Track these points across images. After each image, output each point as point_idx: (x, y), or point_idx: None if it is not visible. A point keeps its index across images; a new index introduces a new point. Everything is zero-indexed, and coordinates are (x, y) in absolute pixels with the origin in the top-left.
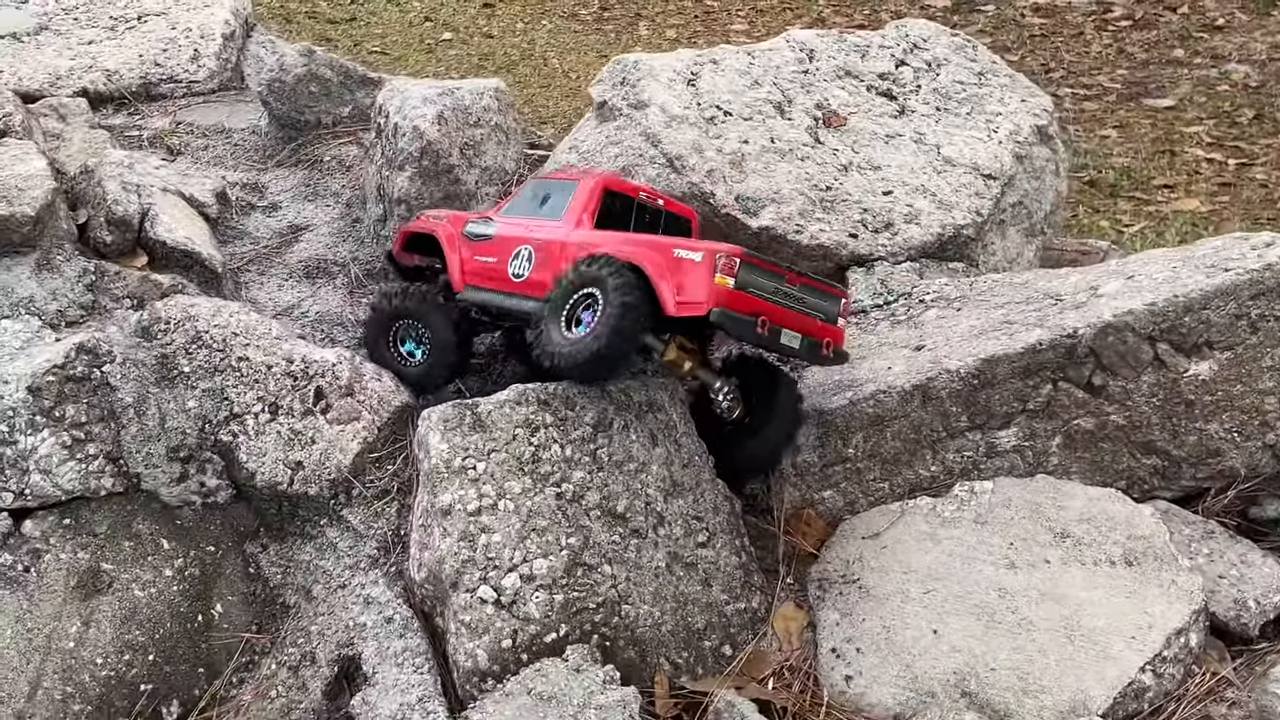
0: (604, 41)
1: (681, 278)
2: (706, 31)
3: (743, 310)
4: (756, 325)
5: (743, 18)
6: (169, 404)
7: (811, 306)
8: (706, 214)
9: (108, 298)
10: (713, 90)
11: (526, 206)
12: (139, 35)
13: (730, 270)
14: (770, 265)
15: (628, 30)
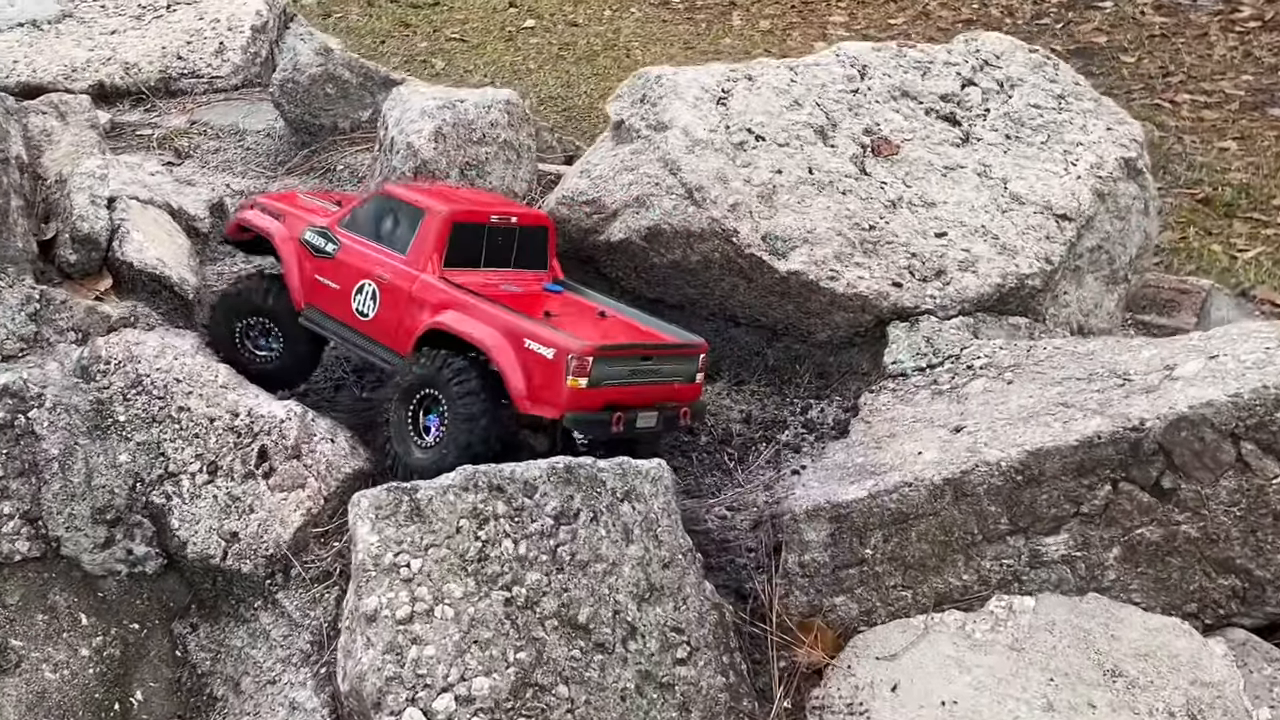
0: (693, 33)
1: (533, 374)
2: (803, 24)
3: (596, 407)
4: (611, 423)
5: (843, 9)
6: (98, 458)
7: (669, 374)
8: (728, 253)
9: (51, 329)
10: (745, 111)
11: (370, 225)
12: (164, 25)
13: (583, 371)
14: (626, 351)
15: (719, 20)
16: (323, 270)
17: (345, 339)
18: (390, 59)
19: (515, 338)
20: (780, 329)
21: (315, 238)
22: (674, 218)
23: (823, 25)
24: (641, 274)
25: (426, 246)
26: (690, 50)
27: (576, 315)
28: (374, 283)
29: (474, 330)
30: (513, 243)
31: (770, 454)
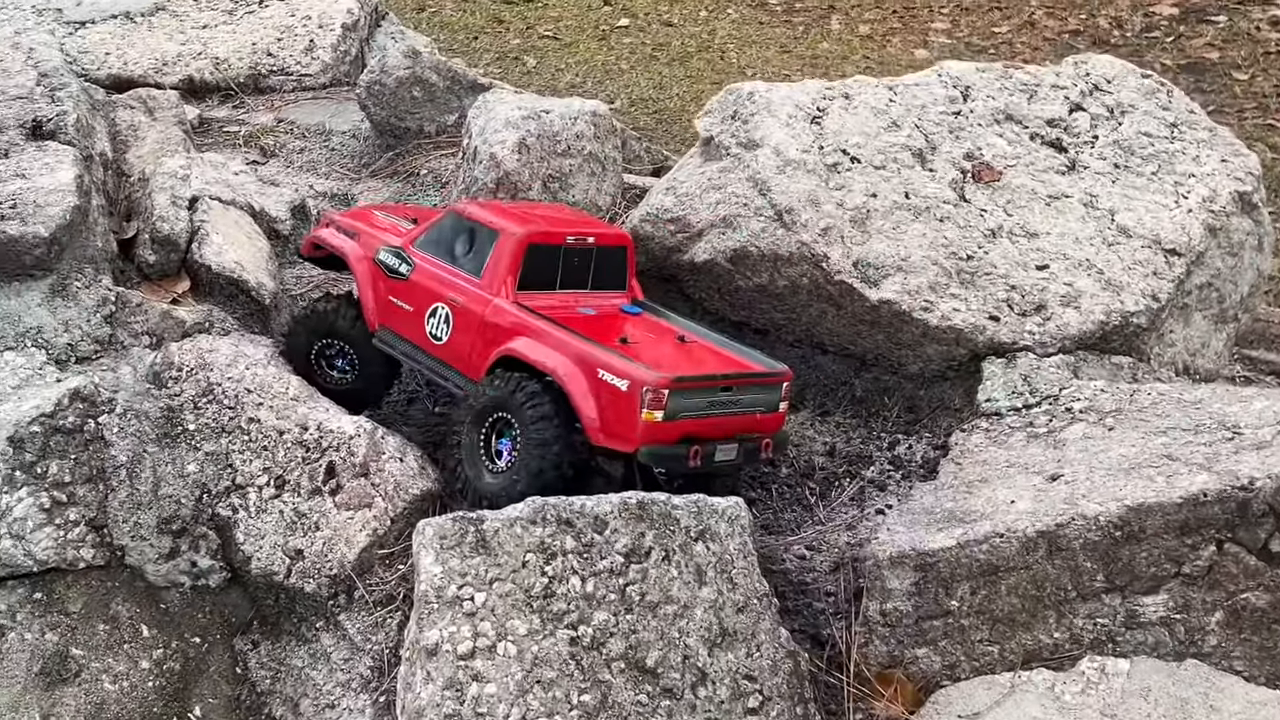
0: (790, 36)
1: (606, 406)
2: (904, 29)
3: (672, 441)
4: (688, 457)
5: (945, 15)
6: (166, 467)
7: (750, 404)
8: (817, 279)
9: (126, 332)
10: (840, 131)
11: (444, 246)
12: (256, 21)
13: (658, 404)
14: (704, 382)
15: (818, 24)
16: (396, 292)
17: (418, 362)
18: (482, 55)
19: (589, 367)
20: (869, 359)
21: (389, 258)
22: (762, 240)
23: (924, 32)
24: (726, 296)
25: (500, 269)
26: (786, 54)
27: (654, 341)
28: (447, 306)
29: (546, 358)
30: (590, 263)
31: (854, 491)
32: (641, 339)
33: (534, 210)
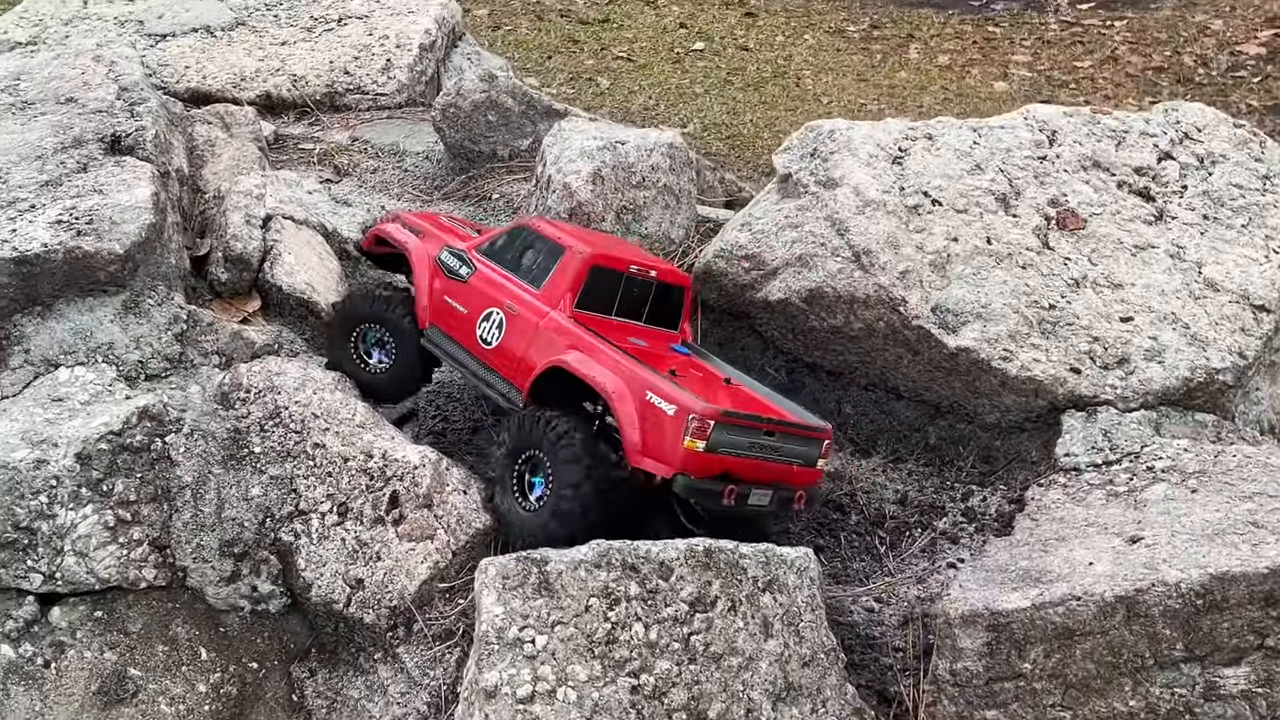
0: (868, 64)
1: (650, 427)
2: (984, 60)
3: (710, 475)
4: (723, 495)
5: (1026, 48)
6: (231, 489)
7: (789, 455)
8: (893, 323)
9: (196, 351)
10: (922, 172)
11: (508, 255)
12: (334, 39)
13: (702, 434)
14: (748, 421)
15: (896, 53)
16: (453, 292)
17: (463, 365)
18: (556, 75)
19: (638, 388)
20: (944, 406)
21: (451, 259)
22: (838, 281)
23: (1004, 64)
24: (799, 336)
25: (562, 284)
26: (863, 82)
27: (702, 379)
28: (502, 312)
29: (596, 374)
30: (648, 297)
31: (925, 542)
32: (690, 376)
33: (601, 237)
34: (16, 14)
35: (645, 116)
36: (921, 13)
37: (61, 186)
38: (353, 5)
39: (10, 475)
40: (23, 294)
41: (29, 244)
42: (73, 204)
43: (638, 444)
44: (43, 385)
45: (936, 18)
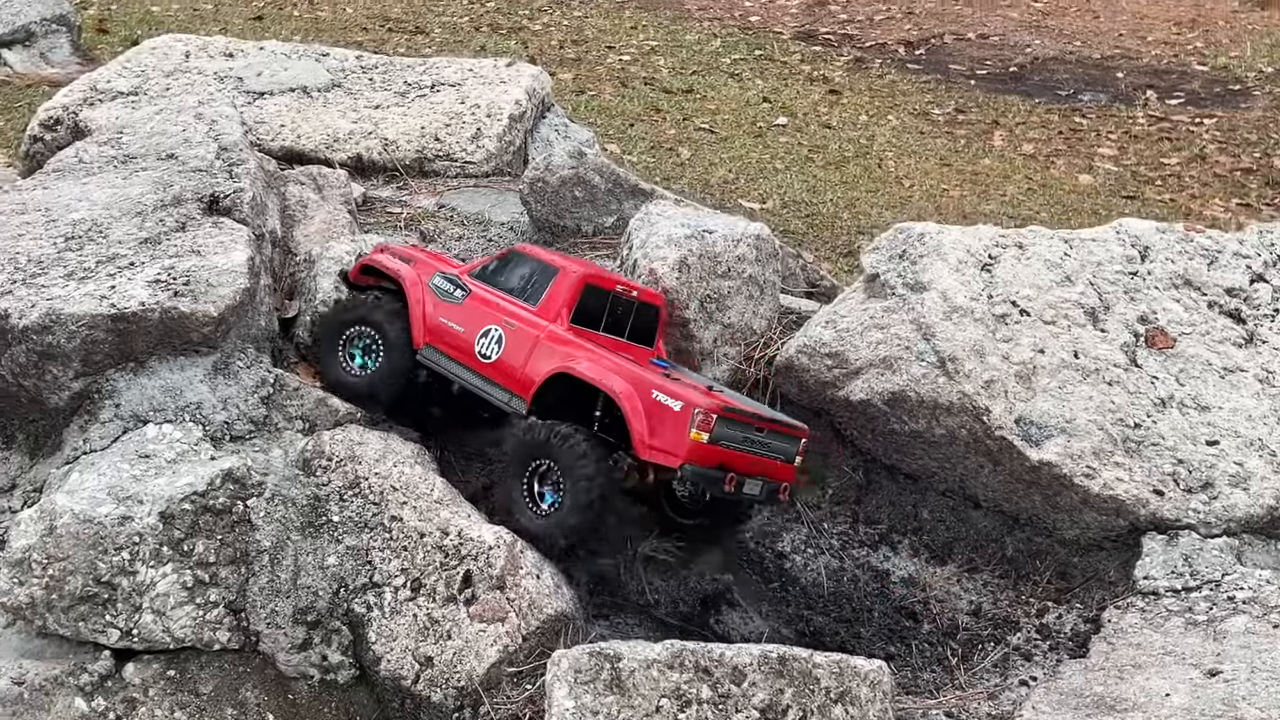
0: (952, 149)
1: (656, 422)
2: (1069, 152)
3: (712, 464)
4: (724, 481)
5: (1113, 141)
6: (307, 556)
7: (775, 450)
8: (976, 432)
9: (281, 415)
10: (1011, 281)
11: (502, 278)
12: (426, 105)
13: (707, 426)
14: (745, 417)
15: (980, 139)
16: (449, 313)
17: (462, 379)
18: (637, 143)
19: (644, 387)
20: (1023, 518)
21: (444, 283)
22: (922, 386)
23: (1089, 156)
24: (879, 437)
25: (558, 301)
26: (946, 167)
27: (692, 385)
28: (501, 329)
29: (604, 377)
30: (630, 315)
31: (998, 657)
32: (681, 381)
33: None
34: (120, 63)
35: (724, 190)
36: (1008, 99)
37: (160, 245)
38: (446, 73)
39: (96, 530)
40: (118, 350)
41: (127, 302)
42: (171, 264)
43: (646, 438)
44: (131, 441)
45: (1023, 105)
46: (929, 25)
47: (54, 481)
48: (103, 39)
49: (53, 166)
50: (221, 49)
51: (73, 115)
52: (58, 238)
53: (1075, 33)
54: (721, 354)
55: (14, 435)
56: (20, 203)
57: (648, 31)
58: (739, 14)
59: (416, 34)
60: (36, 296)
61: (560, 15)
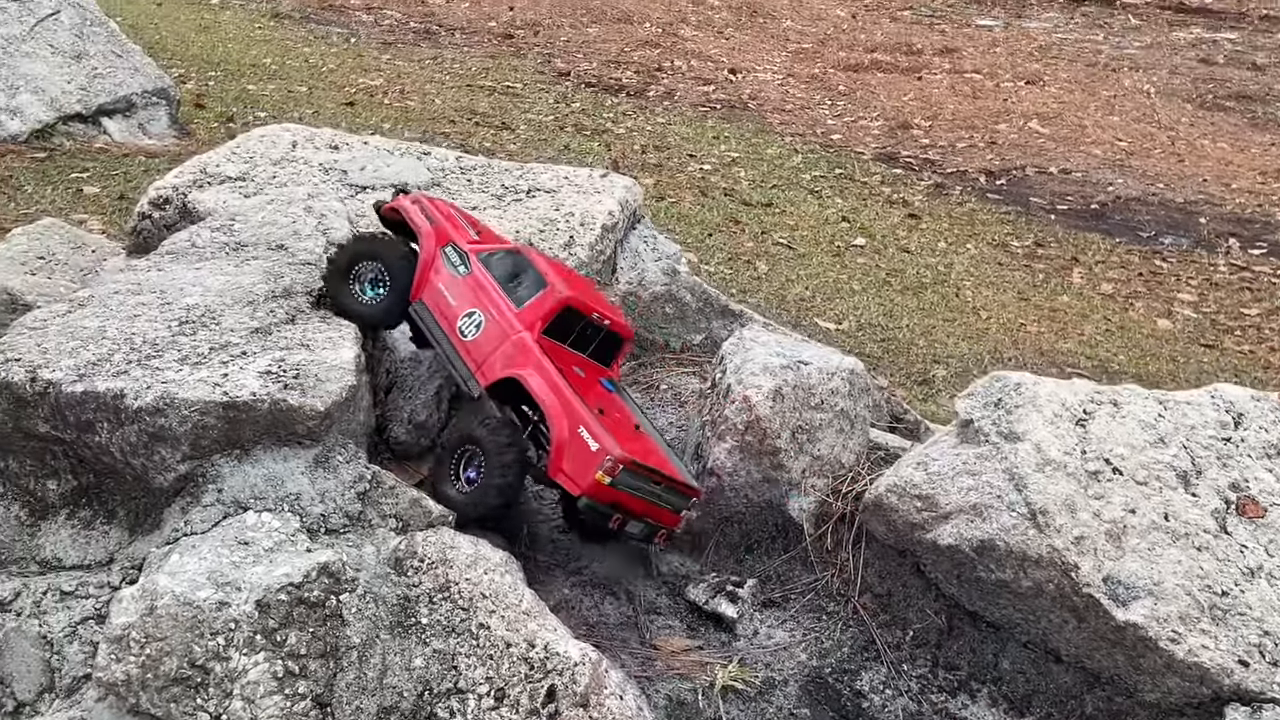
0: (1029, 282)
1: (573, 452)
2: (1148, 294)
3: (605, 502)
4: (610, 520)
5: (1193, 288)
6: (395, 656)
7: (666, 501)
8: (1063, 587)
9: (375, 512)
10: (1105, 439)
11: (500, 269)
12: (521, 210)
13: (612, 472)
14: (647, 472)
15: (1059, 274)
16: (448, 283)
17: (439, 343)
18: (715, 253)
19: (574, 420)
20: (1104, 677)
21: (453, 254)
22: (1012, 536)
23: (1169, 301)
24: (964, 583)
25: (538, 312)
26: (1024, 302)
27: (619, 422)
28: (484, 316)
29: (545, 396)
30: (596, 338)
31: None
32: (611, 415)
33: (579, 282)
34: (229, 149)
35: (800, 307)
36: (1088, 236)
37: (271, 336)
38: (542, 179)
39: (194, 613)
40: (225, 437)
41: (240, 391)
42: (281, 356)
43: (559, 462)
44: (230, 526)
45: (1103, 244)
46: (1011, 156)
47: (154, 561)
48: (199, 114)
49: (167, 248)
50: (328, 141)
51: (182, 196)
52: (172, 321)
53: (1159, 175)
54: (809, 485)
55: (115, 510)
56: (135, 283)
57: (729, 142)
58: (821, 131)
59: (502, 129)
60: (151, 379)
61: (644, 120)
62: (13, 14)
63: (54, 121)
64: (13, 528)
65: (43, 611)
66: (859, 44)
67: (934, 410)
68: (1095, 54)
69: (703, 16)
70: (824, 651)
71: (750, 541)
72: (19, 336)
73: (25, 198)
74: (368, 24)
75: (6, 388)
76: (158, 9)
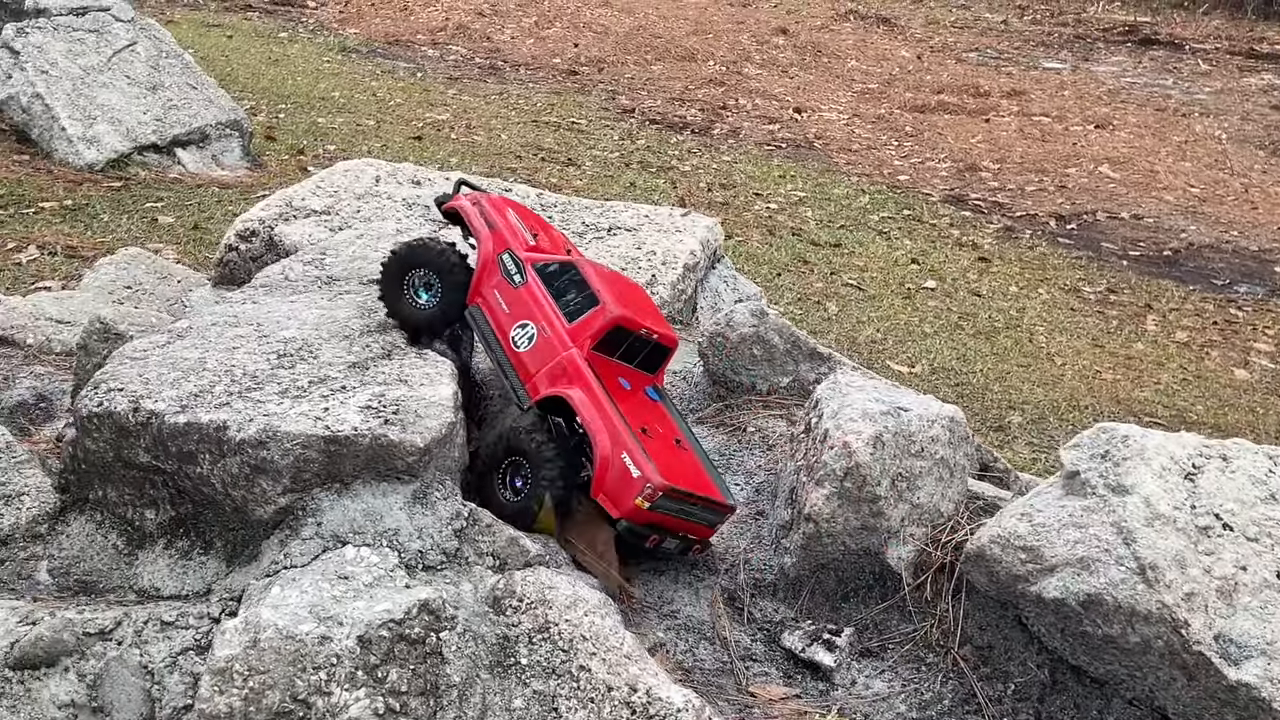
0: (1103, 329)
1: (614, 478)
2: (1224, 344)
3: (643, 524)
4: (647, 540)
5: (1269, 337)
6: (495, 696)
7: (701, 518)
8: (1173, 644)
9: (472, 550)
10: (1215, 493)
11: (554, 281)
12: (604, 248)
13: (651, 498)
14: (684, 496)
15: (1132, 321)
16: (503, 291)
17: (491, 349)
18: (784, 293)
19: (618, 445)
20: None
21: (510, 262)
22: (1120, 591)
23: (1245, 350)
24: (1068, 637)
25: (589, 330)
26: (1099, 349)
27: (662, 437)
28: (536, 329)
29: (590, 420)
30: (644, 350)
31: None
32: (655, 433)
33: (630, 293)
34: (314, 183)
35: (872, 350)
36: (1161, 284)
37: (368, 371)
38: (623, 217)
39: (297, 647)
40: (325, 470)
41: (341, 425)
42: (380, 391)
43: (601, 484)
44: (330, 561)
45: (1177, 291)
46: (1081, 200)
47: (254, 593)
48: (270, 146)
49: (260, 281)
50: (410, 176)
51: (268, 229)
52: (270, 354)
53: (1232, 222)
54: (908, 534)
55: (212, 541)
56: (233, 315)
57: (795, 181)
58: (888, 171)
59: (568, 165)
60: (253, 411)
61: (709, 158)
62: (90, 45)
63: (130, 151)
64: (110, 556)
65: (144, 641)
66: (925, 85)
67: (1010, 456)
68: (1165, 99)
69: (767, 56)
70: (924, 703)
71: (847, 589)
72: (120, 366)
73: (101, 226)
74: (433, 59)
75: (109, 417)
76: (228, 41)
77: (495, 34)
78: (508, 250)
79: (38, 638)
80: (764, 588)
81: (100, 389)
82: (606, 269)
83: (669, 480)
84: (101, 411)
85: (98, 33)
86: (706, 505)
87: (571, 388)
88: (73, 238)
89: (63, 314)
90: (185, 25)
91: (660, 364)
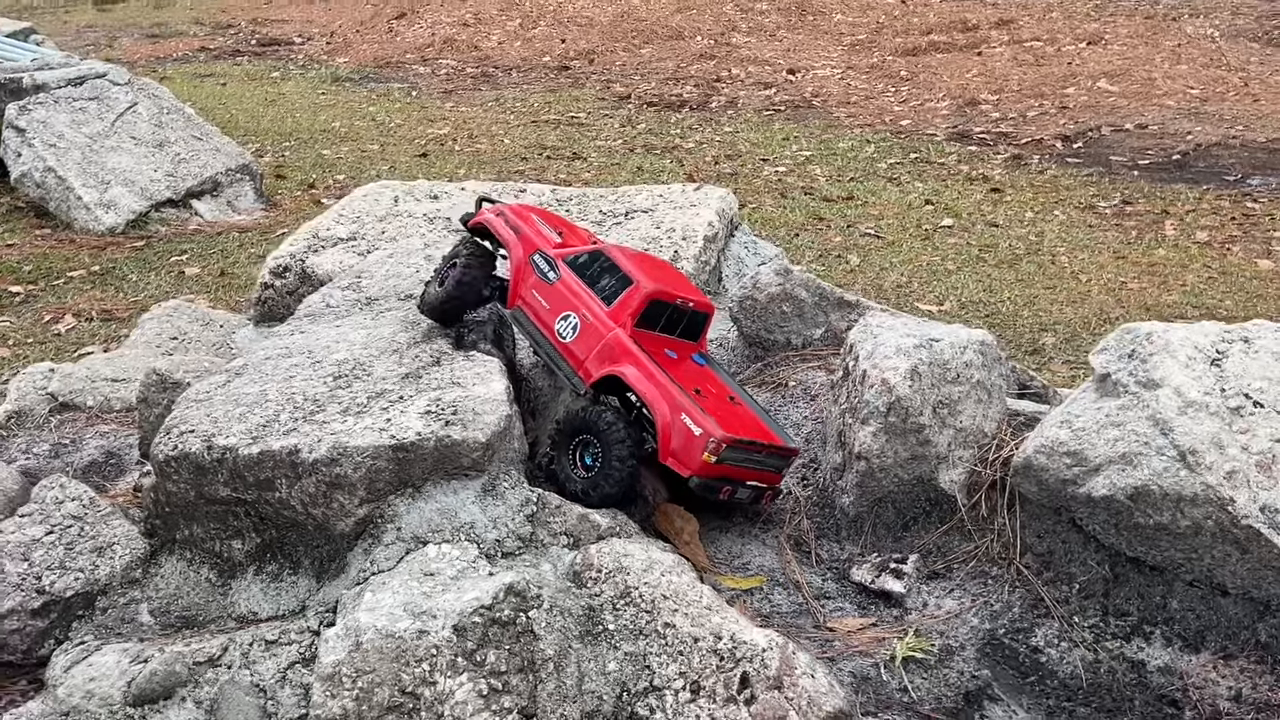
0: (1123, 240)
1: (679, 440)
2: (1244, 237)
3: (714, 477)
4: (720, 492)
5: None
6: (589, 663)
7: (768, 464)
8: (1221, 522)
9: (546, 532)
10: (1242, 374)
11: (586, 270)
12: (624, 232)
13: (716, 452)
14: (747, 445)
15: (1150, 229)
16: (540, 289)
17: (541, 346)
18: (805, 251)
19: (676, 409)
20: (1274, 604)
21: (541, 262)
22: (1164, 479)
23: (1266, 240)
24: (1122, 531)
25: (628, 309)
26: (1121, 260)
27: (716, 396)
28: (578, 318)
29: (646, 391)
30: (684, 319)
31: None
32: (708, 394)
33: (660, 269)
34: (336, 211)
35: (899, 294)
36: (1174, 188)
37: (421, 379)
38: (638, 200)
39: (397, 644)
40: (397, 477)
41: (405, 432)
42: (437, 395)
43: (668, 448)
44: (414, 561)
45: (1191, 193)
46: (1084, 118)
47: (348, 601)
48: (281, 184)
49: (303, 311)
50: (426, 192)
51: (299, 262)
52: (326, 377)
53: (1237, 117)
54: (956, 457)
55: (300, 560)
56: (284, 347)
57: (800, 142)
58: (889, 119)
59: (574, 160)
60: (321, 432)
61: (711, 132)
62: (93, 112)
63: (147, 210)
64: (205, 589)
65: (251, 662)
66: (913, 28)
67: (1049, 377)
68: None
69: (753, 22)
70: (995, 614)
71: (906, 519)
72: (187, 410)
73: (131, 286)
74: (425, 75)
75: (186, 458)
76: (223, 89)
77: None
78: (538, 251)
79: (152, 673)
80: (827, 529)
81: (173, 433)
82: (633, 250)
83: (730, 432)
84: (177, 454)
85: (98, 99)
86: (770, 451)
87: (623, 365)
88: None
89: (116, 373)
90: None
91: (701, 331)
